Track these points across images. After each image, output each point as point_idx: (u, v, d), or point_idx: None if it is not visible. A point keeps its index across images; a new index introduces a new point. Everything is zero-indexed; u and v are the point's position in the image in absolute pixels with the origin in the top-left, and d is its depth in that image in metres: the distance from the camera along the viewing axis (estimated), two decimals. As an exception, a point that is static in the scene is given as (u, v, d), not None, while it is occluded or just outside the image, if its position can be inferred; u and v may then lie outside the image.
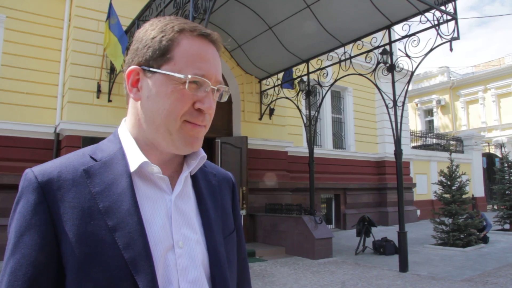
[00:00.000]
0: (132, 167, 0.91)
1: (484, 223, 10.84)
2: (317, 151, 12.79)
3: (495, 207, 14.21)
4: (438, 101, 32.99)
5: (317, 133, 14.04)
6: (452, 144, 21.04)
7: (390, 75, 8.42)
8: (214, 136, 10.57)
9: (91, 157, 0.92)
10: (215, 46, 0.97)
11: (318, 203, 13.29)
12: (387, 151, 15.50)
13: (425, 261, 8.57)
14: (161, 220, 0.92)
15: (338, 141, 15.08)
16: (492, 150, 23.49)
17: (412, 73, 8.13)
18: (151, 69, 0.92)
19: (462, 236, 10.02)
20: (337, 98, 15.29)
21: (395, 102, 8.11)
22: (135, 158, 0.92)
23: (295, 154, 12.66)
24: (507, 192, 13.81)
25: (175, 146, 0.93)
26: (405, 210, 14.61)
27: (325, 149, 14.05)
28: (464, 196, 10.73)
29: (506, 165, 14.49)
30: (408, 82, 8.34)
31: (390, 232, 11.43)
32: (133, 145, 0.94)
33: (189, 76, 0.89)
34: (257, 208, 10.67)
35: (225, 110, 11.21)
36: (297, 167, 12.32)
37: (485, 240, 10.64)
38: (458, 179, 10.88)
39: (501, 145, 17.52)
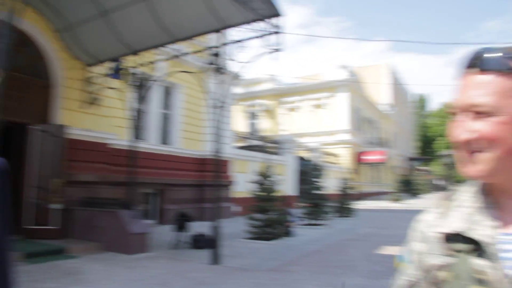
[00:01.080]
0: None
1: (291, 219, 12.04)
2: (142, 145, 12.60)
3: (303, 204, 15.87)
4: (264, 106, 35.45)
5: (143, 127, 13.83)
6: (271, 146, 22.76)
7: (218, 76, 8.77)
8: (27, 122, 9.62)
9: None
10: None
11: (140, 197, 13.09)
12: (210, 149, 16.02)
13: (236, 254, 9.12)
14: None
15: (164, 137, 15.07)
16: (305, 154, 26.11)
17: (238, 77, 8.61)
18: None
19: (271, 230, 10.95)
20: (167, 93, 15.27)
21: (219, 102, 8.46)
22: None
23: (119, 147, 12.26)
24: (313, 191, 15.57)
25: None
26: (223, 207, 15.32)
27: (151, 143, 13.91)
28: (275, 194, 11.73)
29: (314, 167, 16.34)
30: (234, 85, 8.79)
31: (207, 228, 11.86)
32: None
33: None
34: (75, 202, 10.03)
35: (42, 94, 10.27)
36: (120, 160, 11.93)
37: (291, 234, 11.80)
38: (272, 179, 11.86)
39: (312, 150, 19.65)
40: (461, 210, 0.94)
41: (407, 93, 63.64)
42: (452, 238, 0.90)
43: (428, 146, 69.78)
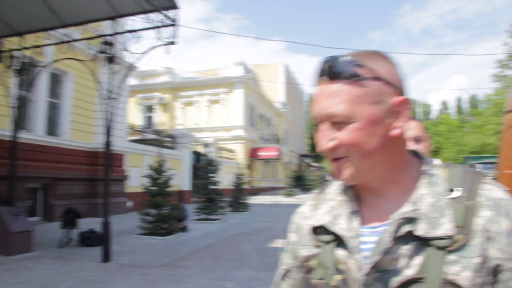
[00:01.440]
0: None
1: (185, 214, 12.02)
2: (26, 136, 11.68)
3: (198, 199, 15.90)
4: (160, 99, 34.73)
5: (28, 117, 12.80)
6: (167, 140, 22.43)
7: (111, 66, 8.42)
8: None
9: None
10: None
11: (24, 193, 12.13)
12: (102, 142, 15.34)
13: (129, 251, 8.89)
14: None
15: (52, 127, 14.10)
16: (201, 149, 26.13)
17: (133, 67, 8.35)
18: None
19: (164, 225, 10.83)
20: (55, 81, 14.28)
21: (110, 93, 8.15)
22: None
23: (-2, 138, 11.23)
24: (207, 186, 15.65)
25: None
26: (116, 202, 14.83)
27: (36, 134, 12.94)
28: (169, 189, 11.61)
29: (208, 162, 16.43)
30: (126, 76, 8.51)
31: (99, 224, 11.39)
32: None
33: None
34: None
35: None
36: (1, 152, 10.94)
37: (184, 229, 11.77)
38: (165, 173, 11.72)
39: (207, 145, 19.73)
40: (328, 204, 1.00)
41: (301, 92, 66.64)
42: (319, 230, 0.97)
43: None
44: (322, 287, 0.90)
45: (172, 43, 7.95)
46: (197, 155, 24.61)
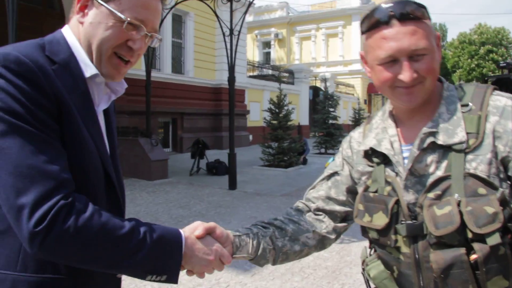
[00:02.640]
0: (87, 74, 1.05)
1: (305, 147, 12.24)
2: (156, 75, 12.60)
3: (316, 134, 16.02)
4: (276, 35, 34.63)
5: (156, 57, 13.74)
6: (284, 75, 22.57)
7: (229, 4, 8.56)
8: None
9: (48, 57, 0.99)
10: None
11: (156, 126, 13.31)
12: (224, 78, 15.95)
13: (252, 180, 9.42)
14: (102, 125, 1.14)
15: (178, 66, 14.99)
16: (318, 83, 25.88)
17: (250, 4, 8.40)
18: (100, 1, 1.02)
19: (285, 158, 11.19)
20: (178, 22, 14.99)
21: (231, 30, 8.33)
22: (87, 67, 1.05)
23: (132, 77, 12.26)
24: (326, 121, 15.65)
25: (102, 71, 1.06)
26: (239, 135, 15.54)
27: (164, 73, 13.89)
28: (289, 123, 11.84)
29: (327, 97, 16.29)
30: (245, 13, 8.58)
31: (223, 155, 12.13)
32: (83, 55, 1.06)
33: (128, 19, 1.02)
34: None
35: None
36: (134, 90, 11.90)
37: (304, 162, 12.05)
38: (286, 108, 11.92)
39: (325, 80, 19.47)
40: (374, 131, 1.24)
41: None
42: (370, 153, 1.21)
43: (446, 78, 68.53)
44: (377, 198, 1.15)
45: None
46: (315, 90, 24.48)
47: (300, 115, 22.56)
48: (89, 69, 1.05)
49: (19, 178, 0.86)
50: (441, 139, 1.06)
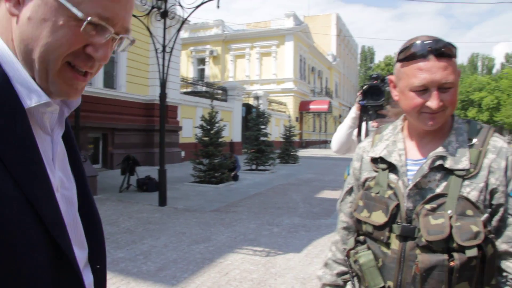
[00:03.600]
0: (29, 104, 0.72)
1: (236, 164, 12.51)
2: (87, 89, 12.34)
3: (248, 150, 16.36)
4: (211, 52, 34.94)
5: (88, 71, 13.45)
6: (218, 92, 22.83)
7: (164, 20, 8.70)
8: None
9: None
10: None
11: (85, 142, 13.01)
12: (157, 94, 15.87)
13: (183, 196, 9.50)
14: (50, 166, 0.78)
15: (110, 81, 14.79)
16: (251, 101, 26.39)
17: (183, 21, 8.60)
18: None
19: (216, 174, 11.37)
20: (111, 36, 14.80)
21: (164, 47, 8.47)
22: (30, 91, 0.73)
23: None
24: (257, 138, 16.04)
25: (50, 89, 0.75)
26: (170, 152, 15.52)
27: (95, 87, 13.66)
28: (220, 140, 12.07)
29: (259, 114, 16.73)
30: (179, 30, 8.75)
31: (154, 172, 12.07)
32: (19, 69, 0.73)
33: (89, 18, 0.71)
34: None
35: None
36: (63, 103, 11.73)
37: (235, 178, 12.29)
38: (217, 124, 12.15)
39: (258, 98, 19.97)
40: (384, 142, 1.45)
41: (355, 44, 64.74)
42: (377, 160, 1.43)
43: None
44: (378, 199, 1.36)
45: (223, -5, 8.08)
46: (248, 108, 24.92)
47: (233, 132, 22.87)
48: (33, 95, 0.73)
49: None
50: (448, 164, 1.27)
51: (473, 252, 1.19)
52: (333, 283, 1.57)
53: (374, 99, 2.48)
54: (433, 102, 1.24)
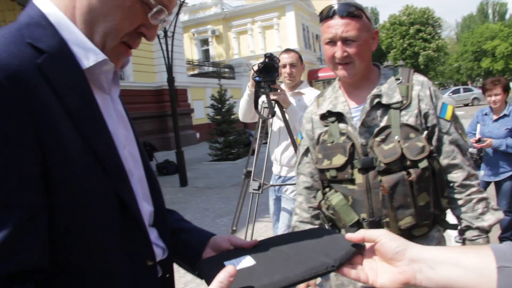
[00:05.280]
0: (86, 64, 0.77)
1: (250, 139, 12.64)
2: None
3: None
4: (213, 32, 34.67)
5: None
6: (225, 71, 22.83)
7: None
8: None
9: (32, 45, 0.71)
10: None
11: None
12: (164, 80, 15.98)
13: (202, 175, 9.72)
14: (114, 124, 0.84)
15: (117, 72, 14.90)
16: (259, 76, 26.23)
17: (181, 4, 8.64)
18: None
19: (233, 151, 11.55)
20: (113, 27, 14.89)
21: (166, 32, 8.56)
22: (88, 52, 0.77)
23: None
24: (269, 111, 16.10)
25: None
26: (185, 134, 15.72)
27: (104, 80, 13.82)
28: (232, 117, 12.20)
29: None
30: (178, 13, 8.81)
31: (172, 155, 12.33)
32: (80, 36, 0.77)
33: (159, 6, 0.80)
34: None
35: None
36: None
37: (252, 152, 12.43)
38: (227, 102, 12.26)
39: (264, 71, 19.92)
40: (327, 100, 1.69)
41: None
42: (325, 116, 1.65)
43: (381, 59, 71.21)
44: (335, 146, 1.58)
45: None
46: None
47: (244, 108, 22.89)
48: (90, 54, 0.77)
49: None
50: (384, 100, 1.53)
51: (424, 164, 1.44)
52: None
53: (269, 75, 2.97)
54: (337, 52, 1.50)
